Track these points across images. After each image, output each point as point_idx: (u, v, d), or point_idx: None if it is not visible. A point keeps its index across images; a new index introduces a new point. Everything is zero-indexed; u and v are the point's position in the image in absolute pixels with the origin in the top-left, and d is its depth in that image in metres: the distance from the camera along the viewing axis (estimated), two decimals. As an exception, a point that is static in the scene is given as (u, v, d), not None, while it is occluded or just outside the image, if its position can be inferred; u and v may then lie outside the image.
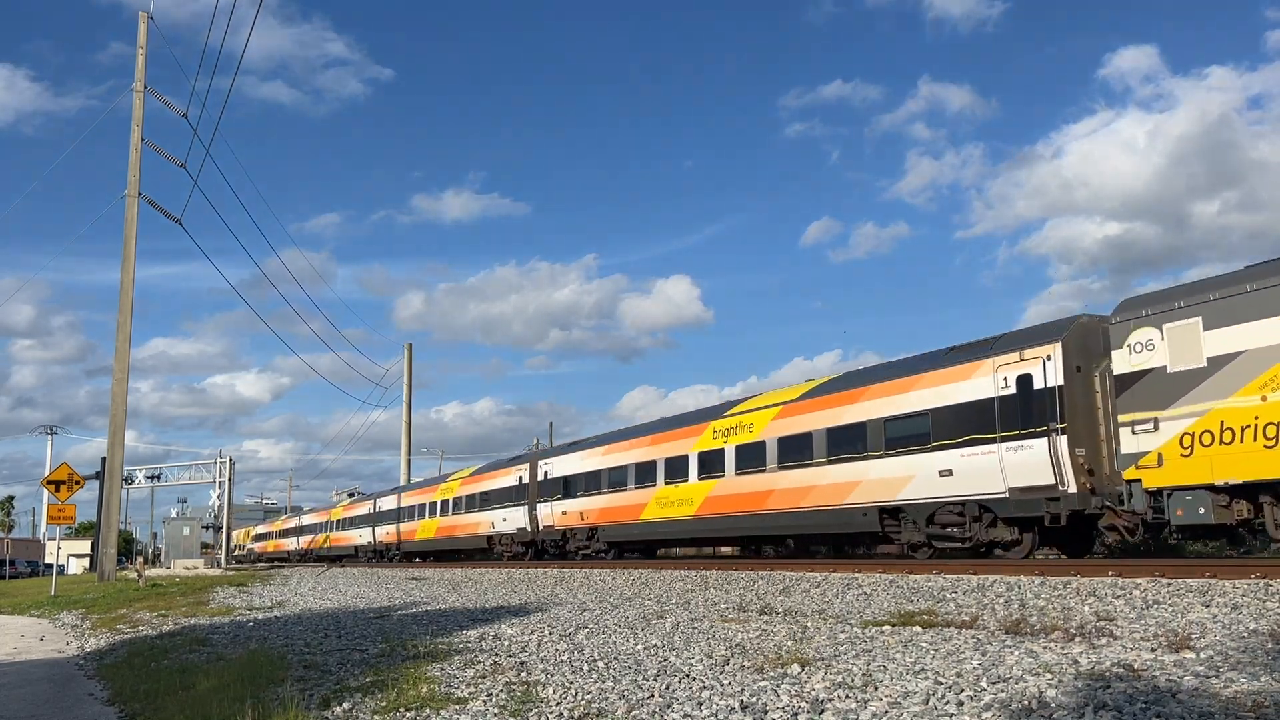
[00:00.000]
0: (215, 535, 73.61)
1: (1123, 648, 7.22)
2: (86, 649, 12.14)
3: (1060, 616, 9.36)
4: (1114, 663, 6.50)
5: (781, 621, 10.24)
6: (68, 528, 41.91)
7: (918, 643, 8.01)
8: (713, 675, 6.89)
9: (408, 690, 6.67)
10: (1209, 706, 5.09)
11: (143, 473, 73.17)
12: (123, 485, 41.65)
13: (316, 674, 7.93)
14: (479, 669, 7.66)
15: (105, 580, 31.72)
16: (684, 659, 7.78)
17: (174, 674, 8.47)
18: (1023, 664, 6.64)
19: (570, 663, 7.88)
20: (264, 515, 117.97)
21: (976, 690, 5.85)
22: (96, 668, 10.04)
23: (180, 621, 14.83)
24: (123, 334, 33.97)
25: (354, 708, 6.30)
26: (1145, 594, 10.54)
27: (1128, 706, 5.18)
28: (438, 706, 6.16)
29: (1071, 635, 8.02)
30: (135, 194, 34.71)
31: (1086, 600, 10.53)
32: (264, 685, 7.27)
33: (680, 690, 6.41)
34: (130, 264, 34.36)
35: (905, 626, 9.19)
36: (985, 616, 9.78)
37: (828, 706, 5.66)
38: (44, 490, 32.17)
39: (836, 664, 7.06)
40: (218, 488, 73.97)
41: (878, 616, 10.37)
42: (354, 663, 8.52)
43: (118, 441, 34.14)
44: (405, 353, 75.63)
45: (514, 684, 6.90)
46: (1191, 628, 8.10)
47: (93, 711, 7.42)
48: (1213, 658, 6.53)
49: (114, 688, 8.35)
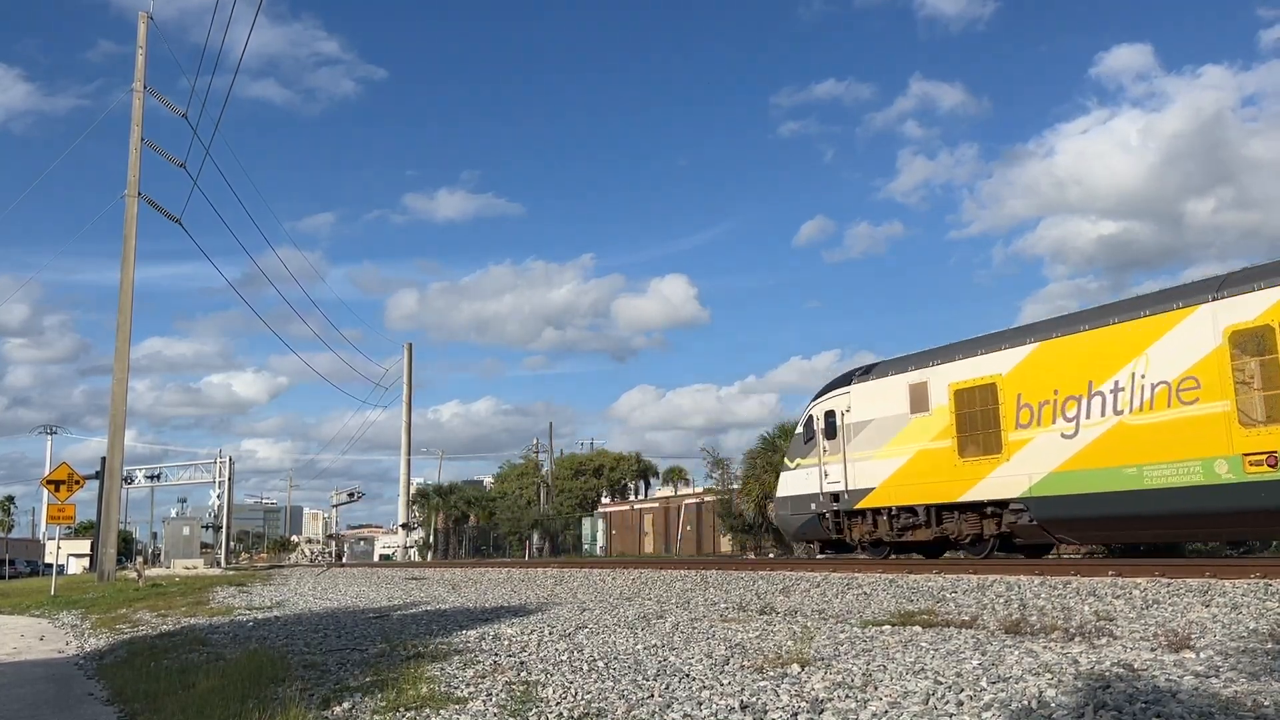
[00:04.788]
0: (215, 535, 73.61)
1: (1123, 647, 7.22)
2: (86, 649, 12.13)
3: (1060, 616, 9.36)
4: (1114, 662, 6.50)
5: (781, 621, 10.24)
6: (67, 528, 41.92)
7: (918, 642, 8.01)
8: (712, 675, 6.89)
9: (408, 690, 6.67)
10: (1209, 706, 5.09)
11: (142, 473, 73.20)
12: (122, 485, 41.65)
13: (316, 674, 7.93)
14: (479, 669, 7.66)
15: (105, 580, 31.71)
16: (684, 659, 7.78)
17: (174, 674, 8.47)
18: (1023, 664, 6.64)
19: (570, 662, 7.88)
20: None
21: (976, 690, 5.85)
22: (96, 667, 10.04)
23: (180, 621, 14.83)
24: (122, 334, 33.97)
25: (354, 707, 6.30)
26: (1145, 594, 10.54)
27: (1128, 706, 5.18)
28: (438, 706, 6.16)
29: (1071, 635, 8.02)
30: (135, 194, 34.70)
31: (1086, 600, 10.53)
32: (264, 685, 7.27)
33: (680, 690, 6.41)
34: (130, 264, 34.35)
35: (905, 626, 9.20)
36: (985, 616, 9.78)
37: (828, 706, 5.66)
38: (43, 490, 32.16)
39: (836, 664, 7.06)
40: (217, 487, 74.01)
41: (878, 616, 10.37)
42: (354, 663, 8.52)
43: (117, 441, 34.14)
44: (405, 353, 75.76)
45: (514, 684, 6.90)
46: (1191, 628, 8.10)
47: (93, 711, 7.42)
48: (1213, 658, 6.53)
49: (114, 687, 8.35)
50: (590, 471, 73.90)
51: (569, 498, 69.99)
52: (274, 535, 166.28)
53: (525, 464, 76.40)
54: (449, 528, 68.95)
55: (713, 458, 47.22)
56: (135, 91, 35.60)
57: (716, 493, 45.79)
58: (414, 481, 79.06)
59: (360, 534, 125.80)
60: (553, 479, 70.30)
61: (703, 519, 48.55)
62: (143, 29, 36.43)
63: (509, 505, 66.03)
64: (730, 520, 39.42)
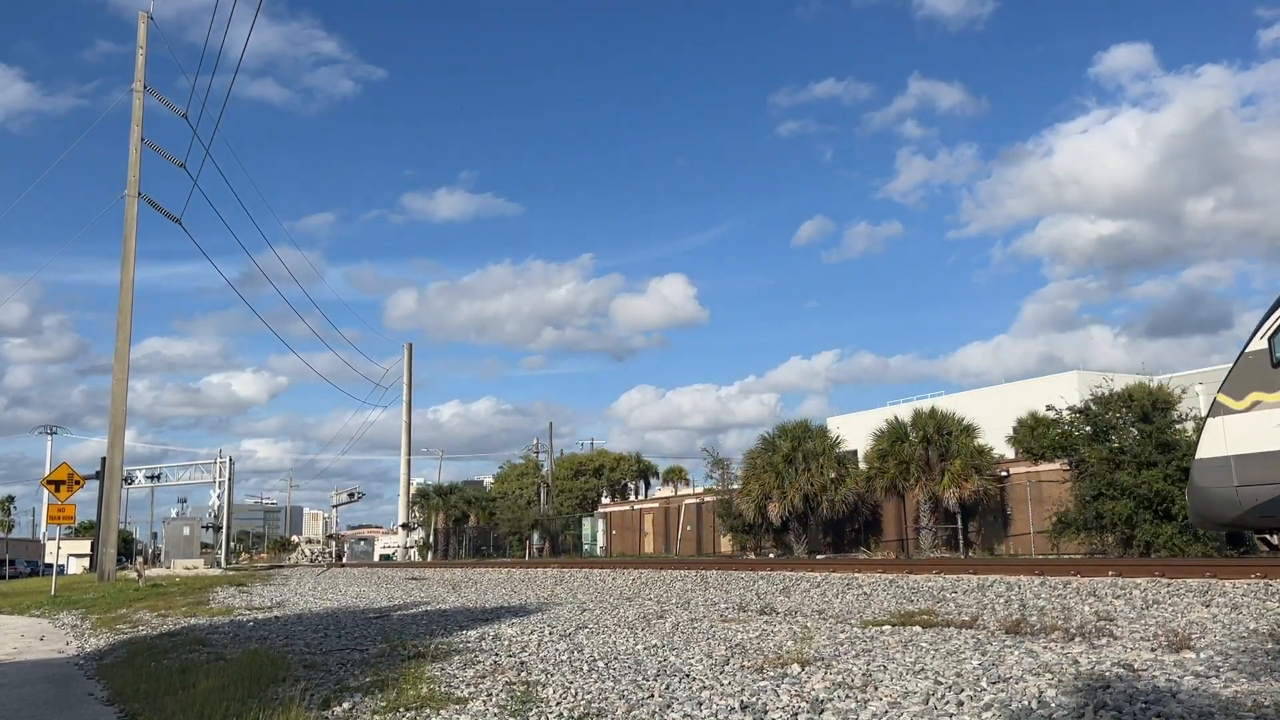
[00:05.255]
0: (215, 535, 73.62)
1: (1123, 648, 7.22)
2: (86, 649, 12.13)
3: (1060, 616, 9.36)
4: (1114, 663, 6.50)
5: (781, 621, 10.24)
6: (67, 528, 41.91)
7: (918, 642, 8.01)
8: (713, 675, 6.89)
9: (408, 690, 6.67)
10: (1209, 706, 5.09)
11: (142, 473, 73.21)
12: (122, 485, 41.65)
13: (317, 674, 7.93)
14: (479, 669, 7.66)
15: (105, 580, 31.71)
16: (684, 659, 7.78)
17: (174, 674, 8.46)
18: (1023, 664, 6.64)
19: (570, 663, 7.88)
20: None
21: (976, 690, 5.85)
22: (96, 667, 10.03)
23: (180, 621, 14.83)
24: (122, 334, 33.98)
25: (354, 707, 6.30)
26: (1145, 594, 10.55)
27: (1128, 706, 5.18)
28: (438, 706, 6.16)
29: (1071, 635, 8.02)
30: (135, 194, 34.71)
31: (1086, 600, 10.54)
32: (265, 685, 7.27)
33: (680, 690, 6.41)
34: (130, 264, 34.36)
35: (905, 626, 9.20)
36: (985, 616, 9.78)
37: (828, 706, 5.66)
38: (43, 490, 32.17)
39: (836, 664, 7.06)
40: (217, 487, 74.05)
41: (878, 616, 10.37)
42: (354, 663, 8.52)
43: (117, 441, 34.15)
44: (405, 353, 75.80)
45: (514, 684, 6.90)
46: (1191, 628, 8.10)
47: (93, 711, 7.41)
48: (1213, 658, 6.53)
49: (114, 687, 8.34)
50: (590, 471, 73.90)
51: (569, 498, 70.01)
52: (274, 535, 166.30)
53: (525, 464, 76.41)
54: (449, 528, 68.95)
55: (713, 458, 47.29)
56: (135, 91, 35.60)
57: (716, 493, 45.81)
58: (414, 481, 79.16)
59: (360, 534, 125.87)
60: (553, 479, 70.30)
61: (703, 519, 48.55)
62: (143, 29, 36.45)
63: (509, 505, 66.01)
64: (730, 520, 39.41)
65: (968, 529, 33.29)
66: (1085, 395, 27.60)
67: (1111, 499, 24.07)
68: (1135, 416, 25.26)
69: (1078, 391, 32.44)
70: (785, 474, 35.85)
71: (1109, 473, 24.40)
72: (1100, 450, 25.03)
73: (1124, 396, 25.86)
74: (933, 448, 33.18)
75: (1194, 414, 25.20)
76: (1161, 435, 24.25)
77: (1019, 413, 40.20)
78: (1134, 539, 23.70)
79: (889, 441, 34.17)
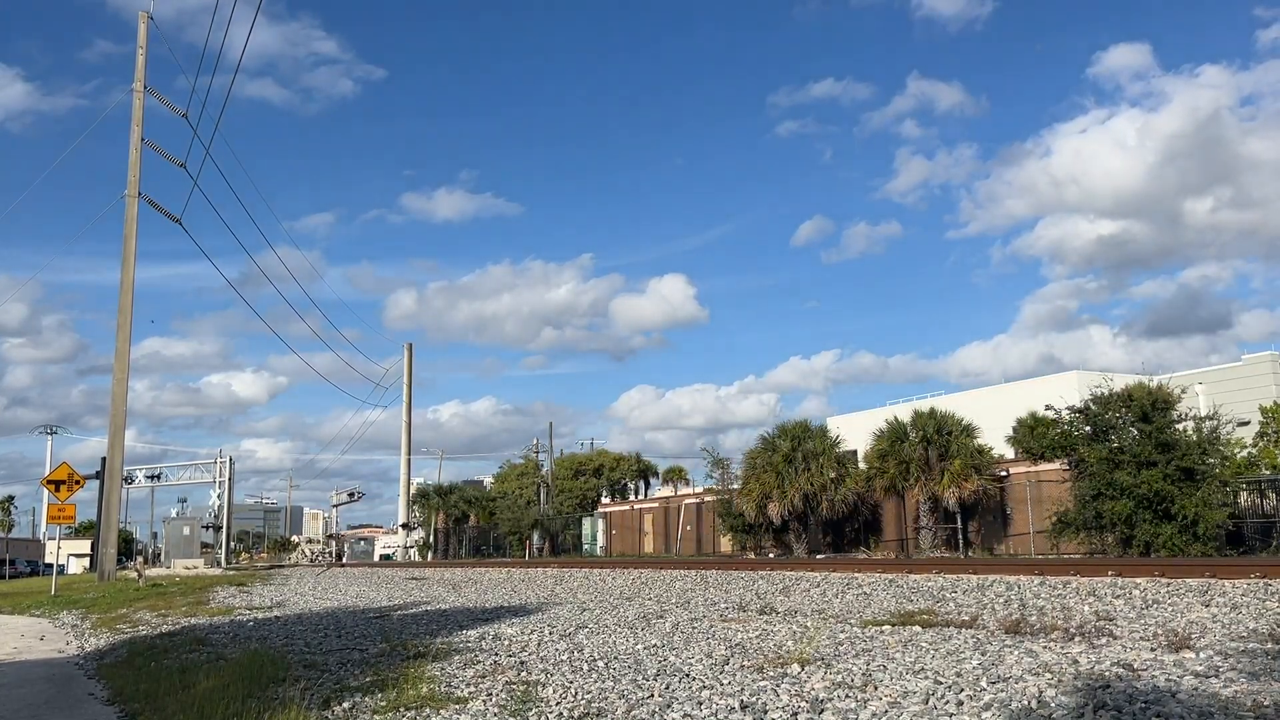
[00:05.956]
0: (215, 535, 73.62)
1: (1122, 648, 7.23)
2: (86, 649, 12.13)
3: (1060, 616, 9.36)
4: (1114, 662, 6.50)
5: (781, 621, 10.24)
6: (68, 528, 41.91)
7: (917, 642, 8.01)
8: (713, 675, 6.89)
9: (408, 690, 6.67)
10: (1209, 706, 5.10)
11: (142, 472, 73.22)
12: (122, 485, 41.65)
13: (317, 674, 7.93)
14: (479, 669, 7.66)
15: (105, 580, 31.71)
16: (684, 659, 7.78)
17: (174, 674, 8.47)
18: (1022, 664, 6.64)
19: (570, 662, 7.89)
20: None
21: (976, 690, 5.86)
22: (96, 667, 10.03)
23: (180, 621, 14.83)
24: (123, 334, 33.98)
25: (354, 707, 6.30)
26: (1145, 594, 10.55)
27: (1127, 706, 5.18)
28: (438, 706, 6.16)
29: (1071, 635, 8.02)
30: (135, 194, 34.71)
31: (1086, 600, 10.54)
32: (265, 685, 7.27)
33: (680, 690, 6.41)
34: (130, 264, 34.37)
35: (905, 626, 9.20)
36: (985, 616, 9.78)
37: (828, 706, 5.66)
38: (44, 490, 32.17)
39: (836, 664, 7.06)
40: (218, 487, 74.06)
41: (878, 616, 10.37)
42: (354, 662, 8.52)
43: (117, 441, 34.14)
44: (405, 353, 75.81)
45: (514, 684, 6.90)
46: (1191, 628, 8.10)
47: (93, 711, 7.41)
48: (1212, 657, 6.53)
49: (114, 687, 8.34)
50: (590, 471, 73.91)
51: (569, 498, 70.02)
52: (274, 535, 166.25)
53: (525, 464, 76.41)
54: (449, 528, 68.92)
55: (713, 458, 47.21)
56: (135, 91, 35.60)
57: (716, 493, 45.78)
58: (414, 481, 79.15)
59: (360, 534, 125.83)
60: (552, 479, 70.31)
61: (703, 519, 48.55)
62: (143, 29, 36.44)
63: (509, 505, 65.98)
64: (730, 520, 39.39)
65: (967, 529, 33.29)
66: (1085, 395, 27.57)
67: (1111, 499, 24.07)
68: (1135, 416, 25.25)
69: (1077, 391, 32.41)
70: (785, 474, 35.83)
71: (1108, 472, 24.39)
72: (1100, 450, 25.03)
73: (1123, 396, 25.86)
74: (932, 448, 33.17)
75: (1193, 414, 25.21)
76: (1161, 435, 24.24)
77: (1018, 413, 40.18)
78: (1134, 539, 23.70)
79: (889, 441, 34.17)
